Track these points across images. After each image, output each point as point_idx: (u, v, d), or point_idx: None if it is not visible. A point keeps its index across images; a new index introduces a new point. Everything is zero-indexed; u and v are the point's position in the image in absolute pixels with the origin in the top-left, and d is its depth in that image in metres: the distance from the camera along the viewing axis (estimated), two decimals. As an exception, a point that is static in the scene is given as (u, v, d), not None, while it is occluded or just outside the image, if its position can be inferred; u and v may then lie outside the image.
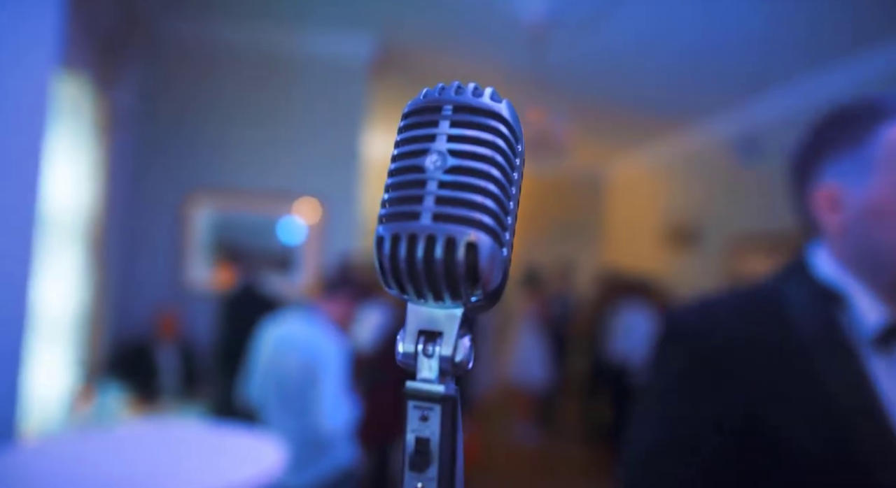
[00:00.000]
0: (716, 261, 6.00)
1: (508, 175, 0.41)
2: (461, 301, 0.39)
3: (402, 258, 0.38)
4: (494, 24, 4.04)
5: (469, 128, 0.40)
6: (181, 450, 1.80)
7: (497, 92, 0.42)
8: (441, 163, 0.39)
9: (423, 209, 0.38)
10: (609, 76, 4.98)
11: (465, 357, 0.40)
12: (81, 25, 3.04)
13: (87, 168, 3.33)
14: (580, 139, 6.49)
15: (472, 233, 0.37)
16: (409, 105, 0.43)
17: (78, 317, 3.36)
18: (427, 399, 0.40)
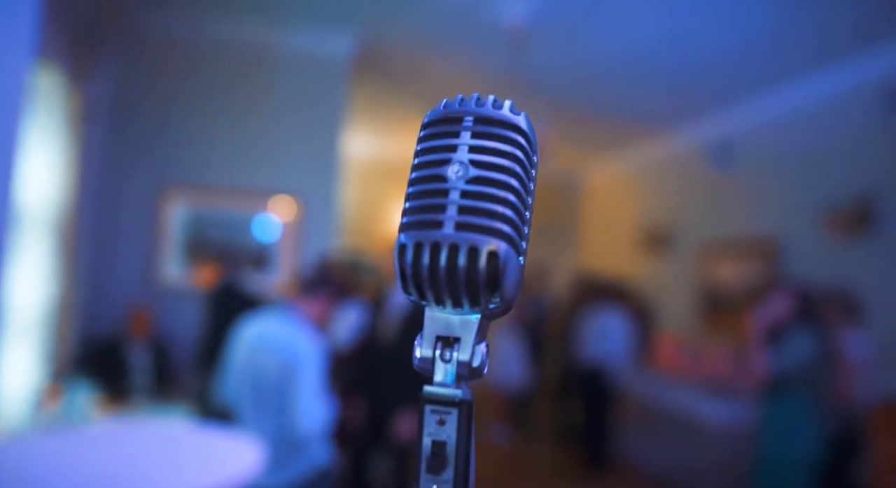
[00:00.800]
0: (688, 265, 6.10)
1: (526, 185, 0.42)
2: (479, 308, 0.40)
3: (424, 265, 0.39)
4: (476, 27, 4.05)
5: (490, 139, 0.41)
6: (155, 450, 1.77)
7: (513, 104, 0.43)
8: (463, 173, 0.40)
9: (446, 218, 0.39)
10: (587, 82, 5.03)
11: (481, 362, 0.41)
12: (56, 14, 2.97)
13: (58, 161, 3.26)
14: (558, 143, 6.54)
15: (494, 243, 0.39)
16: (428, 115, 0.44)
17: (46, 313, 3.28)
18: (444, 403, 0.40)
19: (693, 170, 6.18)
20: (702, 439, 4.28)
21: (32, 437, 2.13)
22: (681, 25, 3.88)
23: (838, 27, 3.73)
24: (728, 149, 5.48)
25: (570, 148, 7.34)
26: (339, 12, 4.08)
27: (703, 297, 5.79)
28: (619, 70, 4.69)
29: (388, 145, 7.60)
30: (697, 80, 4.82)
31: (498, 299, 0.40)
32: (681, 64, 4.49)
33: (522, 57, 4.20)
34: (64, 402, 3.01)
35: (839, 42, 3.93)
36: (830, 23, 3.69)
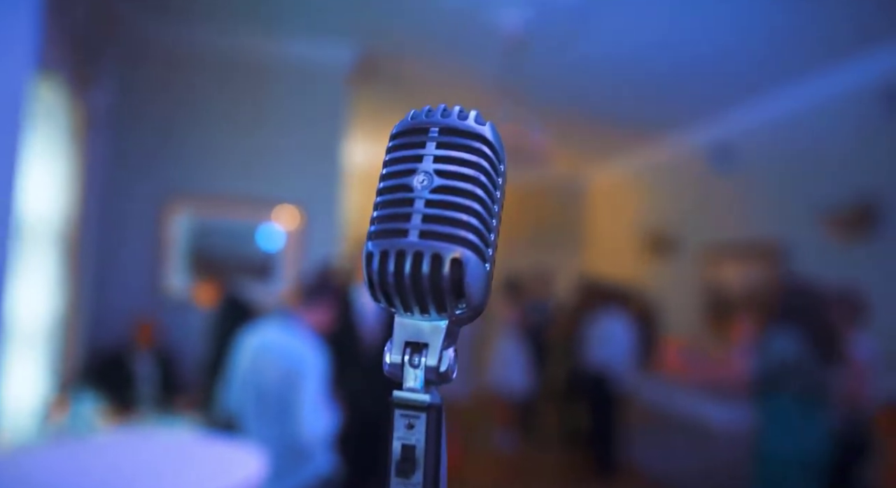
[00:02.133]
0: (692, 268, 6.09)
1: (492, 194, 0.43)
2: (446, 314, 0.41)
3: (390, 273, 0.40)
4: (473, 34, 4.08)
5: (454, 149, 0.42)
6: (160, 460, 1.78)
7: (481, 114, 0.44)
8: (428, 183, 0.41)
9: (411, 227, 0.41)
10: (586, 86, 5.05)
11: (449, 367, 0.42)
12: (57, 25, 3.00)
13: (61, 172, 3.29)
14: (559, 148, 6.56)
15: (457, 250, 0.40)
16: (397, 126, 0.45)
17: (52, 325, 3.30)
18: (413, 407, 0.42)
19: (694, 173, 6.19)
20: (708, 442, 4.27)
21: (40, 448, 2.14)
22: (679, 28, 3.90)
23: (838, 28, 3.74)
24: (728, 152, 5.49)
25: (571, 153, 7.36)
26: (339, 22, 4.11)
27: (707, 301, 5.78)
28: (617, 74, 4.71)
29: (390, 152, 7.61)
30: (696, 83, 4.83)
31: (465, 305, 0.41)
32: (679, 67, 4.50)
33: (520, 63, 4.21)
34: (70, 413, 3.02)
35: (839, 43, 3.94)
36: (830, 23, 3.69)
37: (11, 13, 1.72)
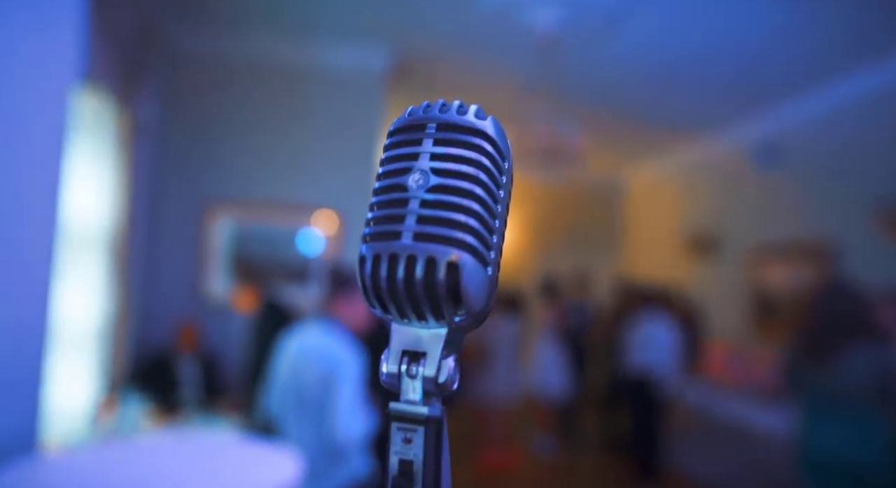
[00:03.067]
0: (736, 270, 5.92)
1: (493, 193, 0.40)
2: (444, 321, 0.39)
3: (382, 278, 0.38)
4: (507, 35, 4.05)
5: (452, 146, 0.40)
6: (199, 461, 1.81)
7: (482, 109, 0.42)
8: (424, 182, 0.39)
9: (405, 228, 0.38)
10: (623, 85, 4.96)
11: (448, 377, 0.40)
12: (103, 40, 3.11)
13: (109, 180, 3.39)
14: (596, 148, 6.47)
15: (453, 253, 0.37)
16: (394, 123, 0.43)
17: (102, 329, 3.41)
18: (410, 420, 0.39)
19: (738, 171, 6.02)
20: (754, 448, 4.13)
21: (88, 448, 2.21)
22: (719, 24, 3.80)
23: (885, 20, 3.59)
24: (774, 149, 5.32)
25: (609, 153, 7.25)
26: (373, 27, 4.15)
27: (753, 303, 5.61)
28: (656, 72, 4.62)
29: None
30: (739, 80, 4.70)
31: (464, 312, 0.38)
32: (720, 63, 4.39)
33: (555, 63, 4.17)
34: (118, 414, 3.12)
35: (889, 35, 3.78)
36: (877, 16, 3.55)
37: (58, 27, 1.78)
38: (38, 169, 1.72)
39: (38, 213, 1.73)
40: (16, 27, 1.59)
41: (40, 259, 1.75)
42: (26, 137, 1.67)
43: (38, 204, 1.73)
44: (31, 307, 1.74)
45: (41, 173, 1.74)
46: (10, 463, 1.57)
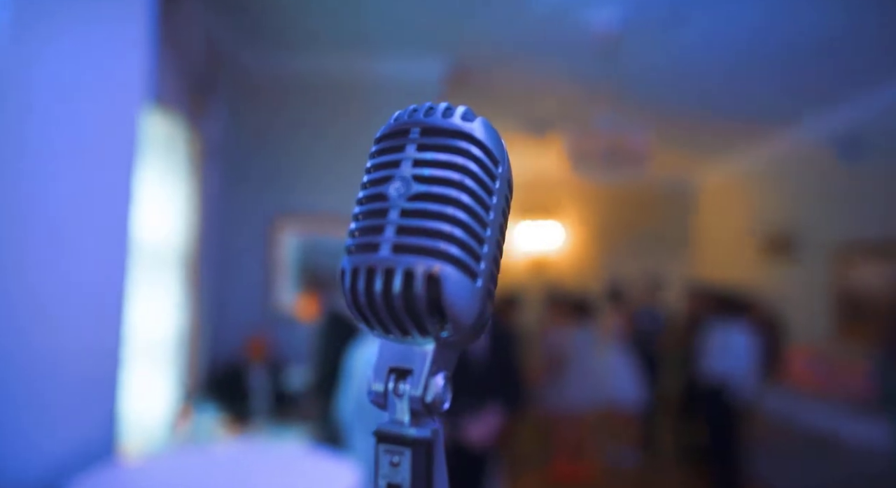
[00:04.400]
0: (818, 271, 5.58)
1: (483, 200, 0.38)
2: (430, 336, 0.37)
3: (360, 292, 0.36)
4: (566, 36, 3.99)
5: (436, 151, 0.38)
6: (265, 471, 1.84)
7: (471, 110, 0.39)
8: (404, 190, 0.37)
9: (383, 240, 0.36)
10: (691, 79, 4.78)
11: (437, 397, 0.37)
12: (173, 66, 3.26)
13: (181, 199, 3.55)
14: (664, 147, 6.26)
15: (435, 265, 0.35)
16: (380, 130, 0.41)
17: (177, 341, 3.56)
18: (397, 442, 0.37)
19: (818, 166, 5.68)
20: (845, 461, 3.86)
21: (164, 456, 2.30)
22: (795, 11, 3.59)
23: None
24: (857, 141, 4.99)
25: (677, 153, 7.01)
26: (429, 37, 4.17)
27: (838, 305, 5.26)
28: (724, 66, 4.43)
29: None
30: (815, 70, 4.44)
31: (450, 327, 0.36)
32: (795, 53, 4.15)
33: (616, 62, 4.07)
34: (193, 423, 3.23)
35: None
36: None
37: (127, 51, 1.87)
38: (110, 189, 1.81)
39: (111, 230, 1.82)
40: (86, 51, 1.68)
41: (114, 274, 1.84)
42: (98, 159, 1.75)
43: (110, 221, 1.82)
44: (106, 320, 1.82)
45: (113, 192, 1.82)
46: (90, 469, 1.65)
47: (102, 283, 1.80)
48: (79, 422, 1.71)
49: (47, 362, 1.59)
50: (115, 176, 1.83)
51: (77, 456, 1.67)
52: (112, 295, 1.84)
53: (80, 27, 1.66)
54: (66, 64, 1.61)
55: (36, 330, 1.55)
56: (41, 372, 1.57)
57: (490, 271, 0.38)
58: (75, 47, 1.65)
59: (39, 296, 1.56)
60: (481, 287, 0.37)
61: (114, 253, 1.83)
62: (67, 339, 1.66)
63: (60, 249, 1.62)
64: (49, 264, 1.59)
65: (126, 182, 1.86)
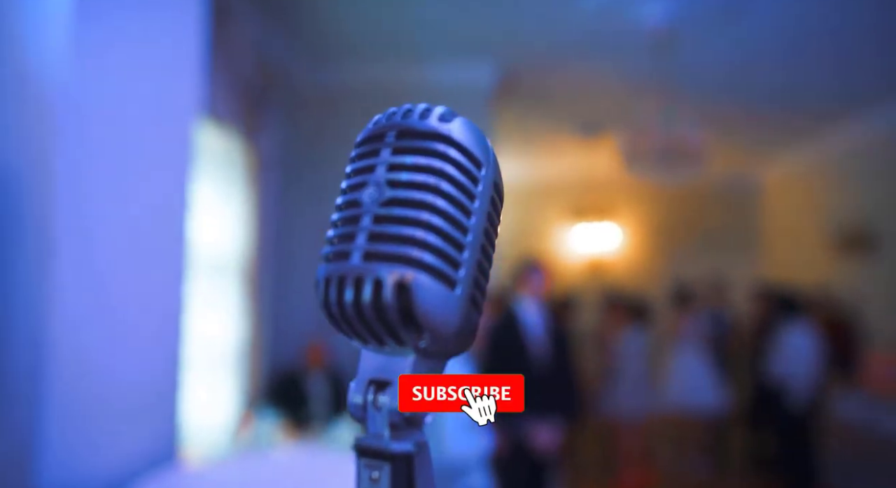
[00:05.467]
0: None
1: (462, 204, 0.36)
2: (408, 346, 0.36)
3: (332, 302, 0.35)
4: (617, 34, 3.91)
5: (410, 154, 0.36)
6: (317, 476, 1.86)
7: (451, 111, 0.38)
8: (377, 196, 0.36)
9: (354, 247, 0.35)
10: (750, 71, 4.58)
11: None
12: (227, 82, 3.37)
13: (240, 210, 3.66)
14: (722, 144, 6.04)
15: (406, 273, 0.34)
16: (359, 134, 0.40)
17: (239, 349, 3.66)
18: (376, 456, 0.36)
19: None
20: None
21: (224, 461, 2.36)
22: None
23: None
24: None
25: (737, 148, 6.74)
26: (478, 42, 4.17)
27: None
28: (784, 56, 4.23)
29: (538, 166, 7.56)
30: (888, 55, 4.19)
31: (428, 336, 0.35)
32: (870, 31, 3.89)
33: (669, 58, 3.95)
34: (254, 429, 3.31)
35: None
36: None
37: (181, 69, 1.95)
38: (167, 200, 1.88)
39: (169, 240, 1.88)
40: (142, 69, 1.76)
41: (172, 283, 1.91)
42: (155, 172, 1.82)
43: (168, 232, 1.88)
44: (167, 328, 1.89)
45: (170, 204, 1.89)
46: (152, 474, 1.70)
47: (162, 292, 1.87)
48: (142, 428, 1.78)
49: (113, 369, 1.66)
50: (172, 187, 1.90)
51: (141, 461, 1.73)
52: (171, 303, 1.90)
53: (134, 45, 1.74)
54: (122, 80, 1.68)
55: (103, 338, 1.62)
56: (107, 379, 1.64)
57: (473, 278, 0.37)
58: (131, 65, 1.72)
59: (105, 305, 1.62)
60: (461, 295, 0.36)
61: (172, 262, 1.90)
62: (131, 347, 1.73)
63: (122, 259, 1.69)
64: (113, 274, 1.66)
65: (182, 193, 1.93)
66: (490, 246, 0.38)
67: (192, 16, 1.98)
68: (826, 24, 3.75)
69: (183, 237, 1.93)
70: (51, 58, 1.49)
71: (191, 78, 1.98)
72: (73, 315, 1.50)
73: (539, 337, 3.17)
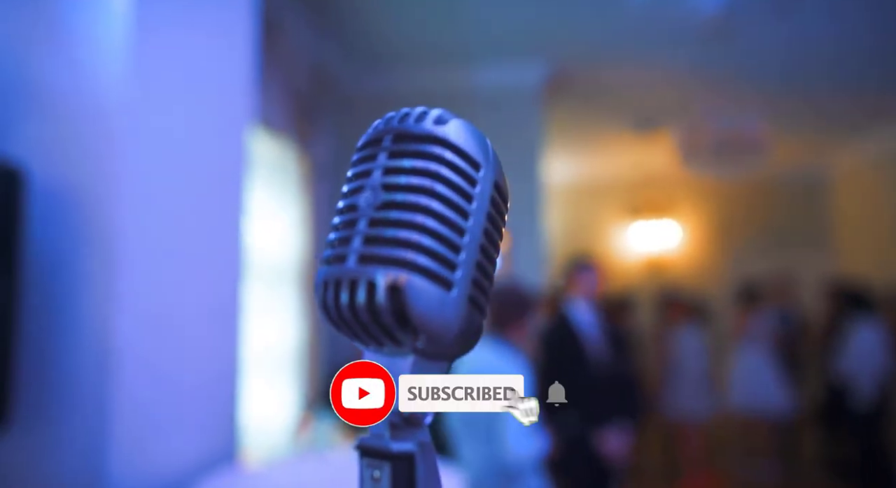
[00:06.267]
0: None
1: (458, 206, 0.37)
2: (406, 347, 0.36)
3: (330, 305, 0.36)
4: (669, 25, 3.80)
5: (405, 157, 0.37)
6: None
7: (447, 113, 0.39)
8: (373, 200, 0.37)
9: (350, 251, 0.36)
10: (814, 56, 4.33)
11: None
12: (280, 92, 3.46)
13: (296, 217, 3.75)
14: (787, 135, 5.78)
15: (399, 275, 0.34)
16: (360, 139, 0.41)
17: (298, 352, 3.75)
18: (377, 456, 0.36)
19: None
20: None
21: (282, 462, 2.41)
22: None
23: None
24: None
25: (803, 140, 6.43)
26: (527, 43, 4.14)
27: None
28: (851, 36, 4.00)
29: (591, 164, 7.44)
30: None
31: (424, 337, 0.35)
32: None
33: (726, 47, 3.82)
34: (313, 431, 3.38)
35: None
36: None
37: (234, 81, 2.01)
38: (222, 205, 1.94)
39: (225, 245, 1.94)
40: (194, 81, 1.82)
41: (230, 291, 1.96)
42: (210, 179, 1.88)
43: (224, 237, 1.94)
44: (225, 331, 1.95)
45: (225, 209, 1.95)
46: (212, 474, 1.76)
47: (220, 298, 1.92)
48: (203, 430, 1.83)
49: (175, 374, 1.72)
50: (228, 196, 1.96)
51: (201, 462, 1.79)
52: (229, 309, 1.96)
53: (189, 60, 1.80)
54: (178, 94, 1.75)
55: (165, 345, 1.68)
56: (170, 384, 1.70)
57: (472, 279, 0.37)
58: (186, 79, 1.79)
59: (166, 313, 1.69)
60: (458, 296, 0.36)
61: (229, 269, 1.95)
62: (191, 352, 1.79)
63: (182, 268, 1.76)
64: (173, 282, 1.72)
65: (238, 202, 1.98)
66: (492, 246, 0.39)
67: (243, 29, 2.04)
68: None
69: (239, 244, 1.98)
70: (110, 75, 1.56)
71: (243, 89, 2.03)
72: (136, 323, 1.57)
73: (595, 338, 3.10)
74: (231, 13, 2.02)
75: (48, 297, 1.55)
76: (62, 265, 1.56)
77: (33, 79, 1.62)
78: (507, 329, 2.40)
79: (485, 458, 2.24)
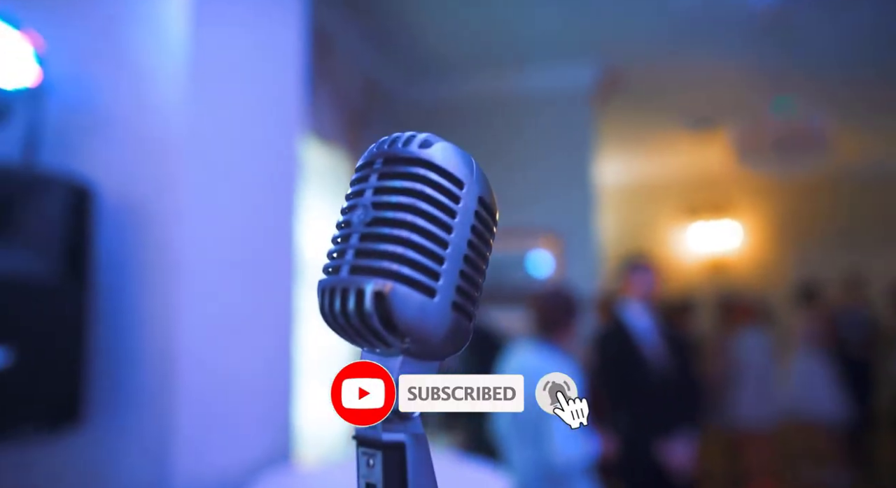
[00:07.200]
0: None
1: (439, 220, 0.41)
2: (394, 349, 0.40)
3: (326, 312, 0.41)
4: (722, 21, 3.71)
5: (392, 178, 0.42)
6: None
7: (433, 137, 0.43)
8: (364, 217, 0.41)
9: (344, 263, 0.41)
10: (875, 48, 4.14)
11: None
12: (332, 103, 3.56)
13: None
14: (853, 130, 5.53)
15: (383, 284, 0.38)
16: (358, 161, 0.46)
17: (350, 355, 3.83)
18: (371, 446, 0.41)
19: None
20: None
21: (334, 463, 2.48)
22: None
23: None
24: None
25: (868, 132, 6.12)
26: (577, 45, 4.11)
27: None
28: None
29: (647, 164, 7.28)
30: None
31: (409, 340, 0.39)
32: None
33: (783, 40, 3.69)
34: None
35: None
36: None
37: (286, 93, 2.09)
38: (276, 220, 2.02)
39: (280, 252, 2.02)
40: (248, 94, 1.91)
41: (284, 296, 2.04)
42: (264, 194, 1.97)
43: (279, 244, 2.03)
44: (279, 336, 2.02)
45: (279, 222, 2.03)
46: (268, 473, 1.83)
47: (275, 304, 2.00)
48: (260, 430, 1.91)
49: (233, 377, 1.81)
50: (282, 205, 2.04)
51: (257, 462, 1.87)
52: (284, 314, 2.04)
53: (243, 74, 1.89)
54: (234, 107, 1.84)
55: (223, 349, 1.77)
56: (228, 386, 1.78)
57: (456, 286, 0.41)
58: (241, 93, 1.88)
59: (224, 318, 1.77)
60: (440, 302, 0.40)
61: (283, 275, 2.03)
62: (248, 355, 1.87)
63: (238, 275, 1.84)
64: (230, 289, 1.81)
65: (291, 210, 2.07)
66: (477, 255, 0.43)
67: (294, 45, 2.13)
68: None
69: (293, 251, 2.06)
70: (171, 96, 1.66)
71: (295, 103, 2.12)
72: (196, 328, 1.66)
73: (653, 342, 3.01)
74: (284, 30, 2.11)
75: (116, 304, 1.66)
76: (128, 274, 1.67)
77: (100, 101, 1.74)
78: (554, 332, 2.40)
79: (532, 461, 2.24)
